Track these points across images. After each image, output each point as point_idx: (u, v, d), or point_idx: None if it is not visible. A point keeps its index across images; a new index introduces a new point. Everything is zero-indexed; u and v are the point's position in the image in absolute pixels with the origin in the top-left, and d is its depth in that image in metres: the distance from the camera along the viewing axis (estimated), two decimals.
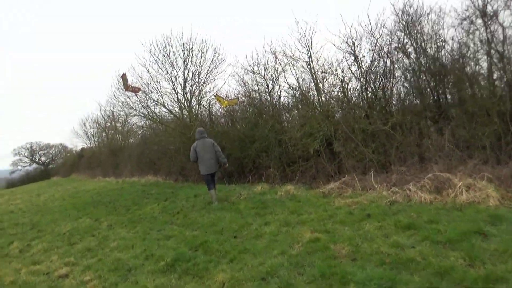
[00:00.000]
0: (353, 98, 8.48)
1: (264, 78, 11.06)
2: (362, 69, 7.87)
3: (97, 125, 29.12)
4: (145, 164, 17.25)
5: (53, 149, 49.56)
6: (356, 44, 7.85)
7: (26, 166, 48.76)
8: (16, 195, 19.24)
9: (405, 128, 7.02)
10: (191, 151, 7.22)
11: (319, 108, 9.17)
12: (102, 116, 26.24)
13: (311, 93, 9.40)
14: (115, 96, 13.20)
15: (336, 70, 8.35)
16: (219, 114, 14.05)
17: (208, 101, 13.42)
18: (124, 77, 12.37)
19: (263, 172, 10.62)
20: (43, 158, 49.35)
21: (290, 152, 9.86)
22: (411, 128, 6.86)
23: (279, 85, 10.59)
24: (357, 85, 8.28)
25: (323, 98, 9.14)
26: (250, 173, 11.09)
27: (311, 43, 8.84)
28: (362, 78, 7.92)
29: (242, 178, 11.35)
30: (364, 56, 7.81)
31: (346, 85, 8.39)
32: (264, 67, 10.90)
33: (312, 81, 9.26)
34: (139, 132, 18.77)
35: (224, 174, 11.92)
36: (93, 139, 31.47)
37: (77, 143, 36.35)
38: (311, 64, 9.03)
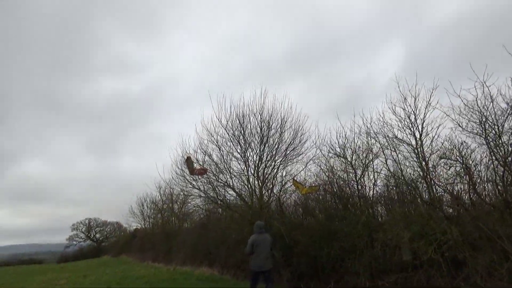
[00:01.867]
0: (486, 192, 6.52)
1: (351, 164, 9.57)
2: (500, 155, 6.08)
3: (154, 206, 28.73)
4: (200, 252, 15.65)
5: (108, 227, 50.45)
6: (489, 121, 6.24)
7: (80, 241, 49.61)
8: (63, 273, 18.28)
9: None
10: (248, 244, 7.21)
11: (429, 203, 7.29)
12: (161, 197, 25.90)
13: (420, 184, 7.58)
14: (182, 175, 12.29)
15: (461, 156, 6.64)
16: (289, 202, 12.57)
17: (280, 187, 12.01)
18: (189, 160, 11.29)
19: (348, 278, 8.50)
20: (97, 235, 50.04)
21: (386, 257, 7.81)
22: None
23: (373, 171, 8.94)
24: (491, 176, 6.39)
25: (437, 191, 7.28)
26: (331, 279, 8.90)
27: (422, 122, 7.39)
28: (501, 167, 6.07)
29: (319, 283, 9.17)
30: (505, 140, 6.09)
31: (474, 175, 6.57)
32: (353, 151, 9.48)
33: (420, 168, 7.54)
34: (201, 216, 17.53)
35: (294, 274, 9.87)
36: (148, 220, 30.92)
37: (132, 223, 35.94)
38: (420, 147, 7.45)
